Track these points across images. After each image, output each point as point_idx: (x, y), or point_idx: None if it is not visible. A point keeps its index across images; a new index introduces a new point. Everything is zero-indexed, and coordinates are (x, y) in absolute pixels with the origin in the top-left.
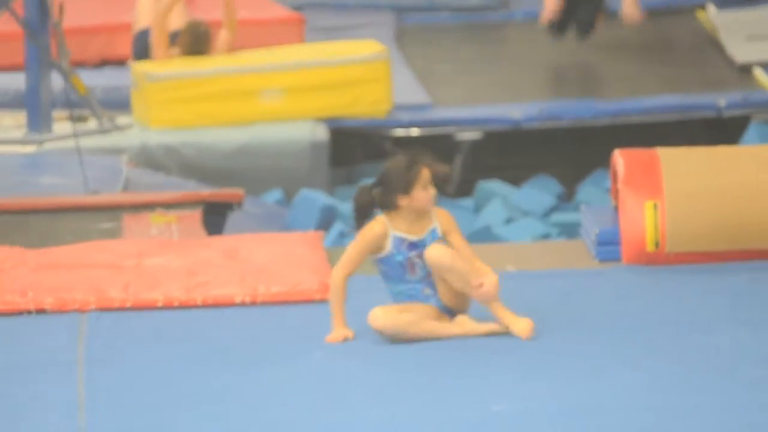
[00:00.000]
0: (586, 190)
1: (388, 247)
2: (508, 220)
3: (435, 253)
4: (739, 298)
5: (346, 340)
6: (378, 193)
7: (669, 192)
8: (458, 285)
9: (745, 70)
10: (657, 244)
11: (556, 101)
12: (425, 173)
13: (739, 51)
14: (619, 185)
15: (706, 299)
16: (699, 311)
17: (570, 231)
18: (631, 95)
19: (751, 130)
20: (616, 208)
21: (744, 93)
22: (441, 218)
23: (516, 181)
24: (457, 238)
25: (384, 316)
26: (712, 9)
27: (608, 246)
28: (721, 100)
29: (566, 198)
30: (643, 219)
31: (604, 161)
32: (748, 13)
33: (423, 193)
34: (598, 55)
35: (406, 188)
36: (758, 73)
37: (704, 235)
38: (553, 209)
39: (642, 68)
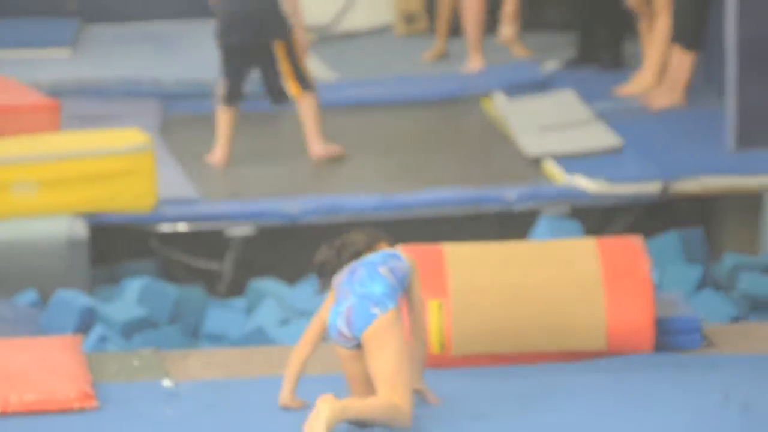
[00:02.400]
0: None
1: None
2: (283, 321)
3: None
4: (528, 403)
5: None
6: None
7: (455, 291)
8: None
9: (535, 162)
10: (442, 347)
11: (335, 195)
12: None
13: (529, 143)
14: None
15: (493, 405)
16: (486, 418)
17: None
18: (415, 188)
19: (541, 223)
20: None
21: (534, 186)
22: None
23: (292, 279)
24: None
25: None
26: (500, 98)
27: None
28: (511, 194)
29: None
30: (428, 319)
31: None
32: (537, 101)
33: None
34: (379, 147)
35: (371, 245)
36: (548, 165)
37: (492, 336)
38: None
39: (427, 161)
